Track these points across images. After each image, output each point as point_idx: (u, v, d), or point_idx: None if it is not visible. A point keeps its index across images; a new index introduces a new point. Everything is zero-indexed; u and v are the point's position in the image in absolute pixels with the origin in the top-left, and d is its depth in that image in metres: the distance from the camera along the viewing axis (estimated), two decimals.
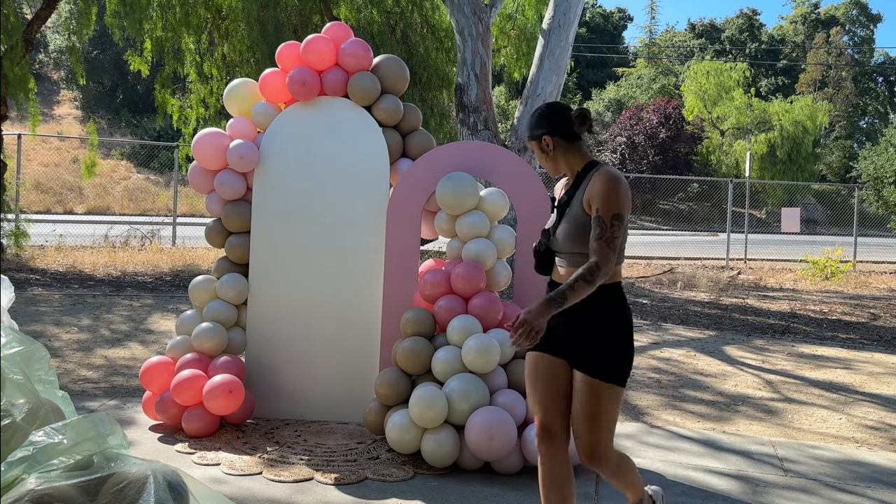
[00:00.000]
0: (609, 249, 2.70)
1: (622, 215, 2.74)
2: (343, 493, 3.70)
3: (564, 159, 2.95)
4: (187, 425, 4.40)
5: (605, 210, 2.73)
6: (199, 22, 13.18)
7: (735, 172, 35.90)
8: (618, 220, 2.73)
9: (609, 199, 2.74)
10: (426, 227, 4.80)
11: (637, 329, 8.39)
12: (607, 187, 2.75)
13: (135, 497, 2.02)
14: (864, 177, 21.56)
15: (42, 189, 23.74)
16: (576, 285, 2.68)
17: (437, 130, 13.69)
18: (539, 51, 10.36)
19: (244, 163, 4.77)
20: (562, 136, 2.92)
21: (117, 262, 11.55)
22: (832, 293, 12.72)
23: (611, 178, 2.77)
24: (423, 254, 11.09)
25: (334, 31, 4.92)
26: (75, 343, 6.59)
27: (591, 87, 46.48)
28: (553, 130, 2.92)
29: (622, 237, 2.77)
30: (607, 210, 2.73)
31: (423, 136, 4.95)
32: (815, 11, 57.20)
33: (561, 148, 2.93)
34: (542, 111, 2.98)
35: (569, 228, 2.85)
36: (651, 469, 4.24)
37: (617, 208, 2.74)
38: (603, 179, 2.78)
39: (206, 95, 13.71)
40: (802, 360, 7.18)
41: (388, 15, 14.04)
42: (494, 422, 3.86)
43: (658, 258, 17.88)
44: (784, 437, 4.99)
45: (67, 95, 36.37)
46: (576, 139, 2.93)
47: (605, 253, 2.70)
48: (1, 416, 2.45)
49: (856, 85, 51.94)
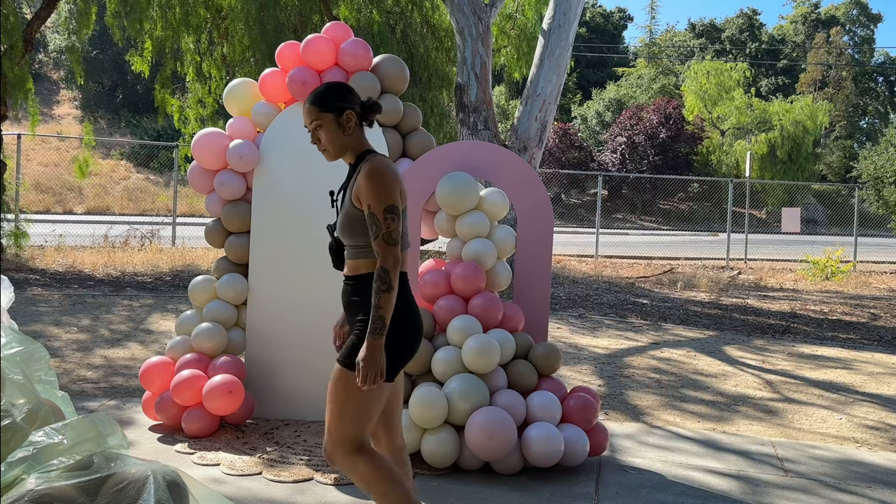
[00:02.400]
0: (389, 245, 2.64)
1: (394, 206, 2.67)
2: (343, 493, 3.70)
3: (353, 144, 2.83)
4: (187, 425, 4.40)
5: (376, 205, 2.66)
6: (198, 22, 13.18)
7: (735, 172, 35.90)
8: (390, 212, 2.66)
9: (376, 193, 2.66)
10: (426, 227, 4.80)
11: (637, 329, 8.39)
12: (371, 182, 2.67)
13: (134, 497, 2.02)
14: (864, 177, 21.56)
15: (42, 189, 23.74)
16: (379, 301, 2.63)
17: (437, 130, 13.69)
18: (539, 51, 10.36)
19: (244, 163, 4.77)
20: (358, 116, 2.82)
21: (117, 262, 11.55)
22: (832, 293, 12.72)
23: (373, 172, 2.69)
24: (423, 254, 11.08)
25: (334, 31, 4.92)
26: (75, 343, 6.59)
27: (591, 87, 46.47)
28: (355, 108, 2.81)
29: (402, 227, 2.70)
30: (378, 205, 2.66)
31: (423, 136, 4.95)
32: (816, 11, 57.18)
33: (354, 130, 2.82)
34: (342, 85, 2.87)
35: (343, 221, 2.79)
36: (651, 469, 4.23)
37: (387, 200, 2.66)
38: (366, 174, 2.70)
39: (203, 95, 13.70)
40: (802, 360, 7.18)
41: (388, 15, 14.03)
42: (494, 422, 3.86)
43: (658, 258, 17.88)
44: (784, 437, 4.99)
45: (67, 95, 36.37)
46: (362, 127, 2.84)
47: (385, 251, 2.65)
48: (1, 417, 2.45)
49: (856, 85, 51.92)
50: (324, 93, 2.82)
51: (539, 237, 4.55)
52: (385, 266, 2.64)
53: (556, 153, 34.54)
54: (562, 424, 4.09)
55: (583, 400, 4.18)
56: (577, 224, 30.08)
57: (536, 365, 4.25)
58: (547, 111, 10.24)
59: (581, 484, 3.95)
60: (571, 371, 6.39)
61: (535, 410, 4.04)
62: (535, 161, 10.17)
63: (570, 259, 16.33)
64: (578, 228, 27.43)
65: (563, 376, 5.81)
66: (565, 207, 33.25)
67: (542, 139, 10.31)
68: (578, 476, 4.04)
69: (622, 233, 27.18)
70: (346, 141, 2.81)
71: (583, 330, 8.20)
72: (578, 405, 4.15)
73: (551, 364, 4.26)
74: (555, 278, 12.58)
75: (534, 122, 10.16)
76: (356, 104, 2.82)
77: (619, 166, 35.15)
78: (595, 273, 14.14)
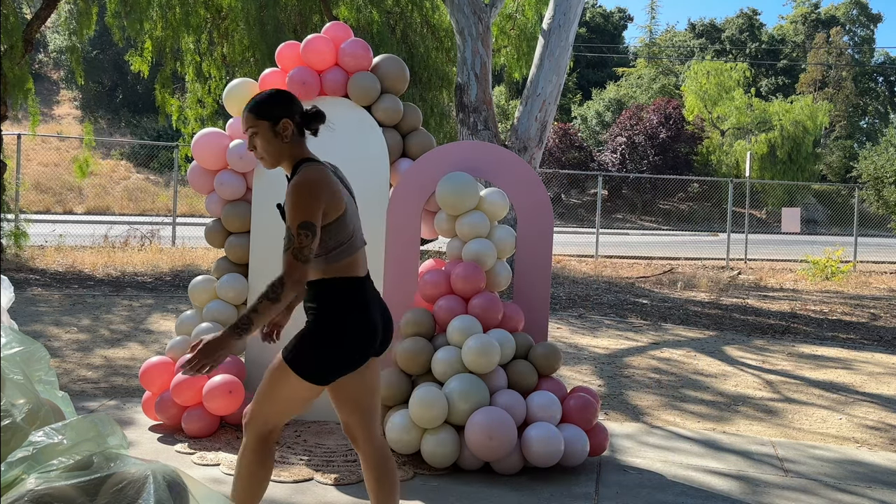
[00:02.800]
0: (296, 260, 2.57)
1: (309, 223, 2.59)
2: (343, 494, 3.70)
3: (290, 153, 2.77)
4: (187, 425, 4.40)
5: (292, 219, 2.60)
6: (198, 22, 13.18)
7: (735, 172, 35.90)
8: (304, 227, 2.58)
9: (294, 207, 2.60)
10: (426, 227, 4.80)
11: (637, 329, 8.39)
12: (291, 197, 2.62)
13: (134, 497, 2.02)
14: (864, 177, 21.56)
15: (42, 189, 23.74)
16: (260, 307, 2.56)
17: (437, 130, 13.69)
18: (539, 51, 10.36)
19: (244, 163, 4.77)
20: (297, 125, 2.77)
21: (117, 262, 11.55)
22: (832, 293, 12.72)
23: (295, 186, 2.63)
24: (423, 254, 11.08)
25: (334, 31, 4.92)
26: (75, 343, 6.59)
27: (591, 87, 46.47)
28: (293, 117, 2.76)
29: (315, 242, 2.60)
30: (293, 219, 2.60)
31: (423, 136, 4.94)
32: (816, 11, 57.19)
33: (292, 139, 2.76)
34: (283, 92, 2.82)
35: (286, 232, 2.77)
36: (651, 469, 4.23)
37: (303, 216, 2.59)
38: (290, 187, 2.64)
39: (203, 95, 13.70)
40: (802, 361, 7.18)
41: (388, 15, 14.03)
42: (494, 422, 3.86)
43: (658, 258, 17.88)
44: (784, 437, 4.99)
45: (67, 95, 36.38)
46: (303, 136, 2.80)
47: (290, 265, 2.57)
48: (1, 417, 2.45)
49: (856, 85, 51.92)
50: (262, 100, 2.77)
51: (539, 237, 4.55)
52: (284, 278, 2.57)
53: (556, 153, 34.54)
54: (562, 424, 4.09)
55: (583, 400, 4.18)
56: (577, 224, 30.08)
57: (536, 365, 4.25)
58: (547, 111, 10.24)
59: (581, 484, 3.95)
60: (571, 371, 6.39)
61: (535, 410, 4.04)
62: (535, 161, 10.17)
63: (570, 259, 16.33)
64: (578, 228, 27.43)
65: (563, 376, 5.82)
66: (565, 207, 33.25)
67: (542, 139, 10.31)
68: (578, 476, 4.04)
69: (622, 233, 27.18)
70: (281, 149, 2.75)
71: (583, 330, 8.20)
72: (578, 405, 4.15)
73: (551, 364, 4.26)
74: (555, 278, 12.58)
75: (534, 122, 10.16)
76: (295, 113, 2.77)
77: (619, 166, 35.15)
78: (595, 273, 14.14)
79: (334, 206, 2.69)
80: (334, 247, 2.73)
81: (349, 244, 2.76)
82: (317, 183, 2.64)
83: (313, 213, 2.61)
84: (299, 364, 2.71)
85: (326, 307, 2.74)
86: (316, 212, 2.62)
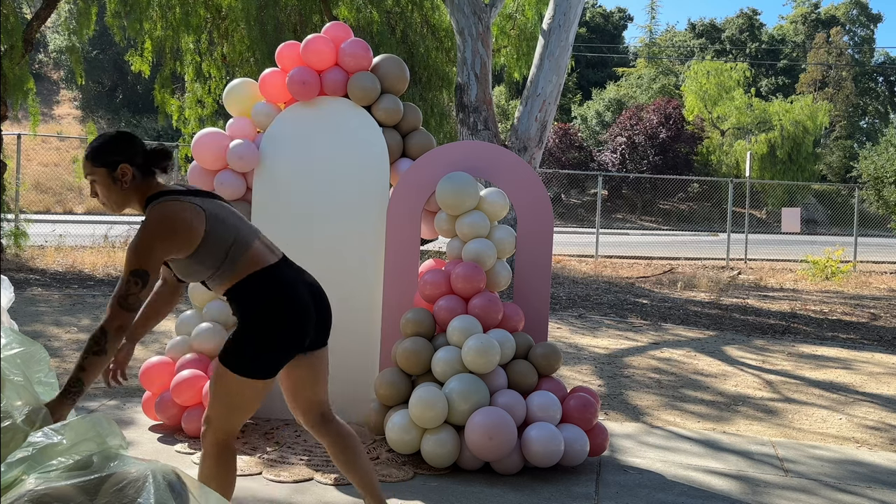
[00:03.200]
0: (121, 308, 2.51)
1: (142, 271, 2.52)
2: (343, 494, 3.70)
3: (136, 196, 2.69)
4: (187, 425, 4.40)
5: (127, 263, 2.55)
6: (198, 22, 13.18)
7: (735, 172, 35.91)
8: (135, 275, 2.52)
9: (132, 251, 2.55)
10: (426, 227, 4.80)
11: (637, 329, 8.39)
12: (135, 239, 2.56)
13: (134, 497, 2.01)
14: (864, 177, 21.56)
15: (42, 189, 23.75)
16: (86, 363, 2.47)
17: (437, 130, 13.69)
18: (539, 51, 10.36)
19: (244, 163, 4.77)
20: (139, 168, 2.67)
21: (117, 262, 11.55)
22: (832, 293, 12.72)
23: (139, 232, 2.57)
24: (423, 254, 11.08)
25: (334, 31, 4.92)
26: (75, 343, 6.59)
27: (591, 87, 46.48)
28: (133, 159, 2.66)
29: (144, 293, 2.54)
30: (128, 264, 2.54)
31: (423, 136, 4.94)
32: (816, 11, 57.20)
33: (135, 182, 2.67)
34: (121, 136, 2.72)
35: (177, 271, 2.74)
36: (651, 469, 4.23)
37: (137, 263, 2.53)
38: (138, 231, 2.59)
39: (203, 95, 13.71)
40: (802, 360, 7.18)
41: (388, 15, 14.04)
42: (494, 422, 3.86)
43: (658, 258, 17.89)
44: (784, 437, 4.99)
45: (67, 95, 36.39)
46: (151, 175, 2.71)
47: (113, 313, 2.51)
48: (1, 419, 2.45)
49: (856, 85, 51.93)
50: (98, 146, 2.67)
51: (539, 237, 4.55)
52: (106, 328, 2.50)
53: (556, 153, 34.55)
54: (562, 424, 4.09)
55: (583, 400, 4.18)
56: (577, 224, 30.09)
57: (536, 365, 4.25)
58: (547, 111, 10.24)
59: (581, 484, 3.95)
60: (571, 371, 6.39)
61: (535, 410, 4.04)
62: (535, 161, 10.17)
63: (570, 259, 16.33)
64: (578, 228, 27.43)
65: (563, 376, 5.82)
66: (565, 207, 33.26)
67: (542, 139, 10.31)
68: (578, 476, 4.04)
69: (622, 233, 27.18)
70: (124, 195, 2.68)
71: (583, 330, 8.20)
72: (578, 405, 4.15)
73: (551, 364, 4.26)
74: (555, 278, 12.58)
75: (534, 122, 10.16)
76: (135, 155, 2.68)
77: (619, 166, 35.16)
78: (595, 273, 14.15)
79: (192, 237, 2.61)
80: (222, 259, 2.68)
81: (236, 245, 2.70)
82: (157, 230, 2.57)
83: (148, 259, 2.55)
84: (237, 363, 2.68)
85: (246, 304, 2.71)
86: (151, 257, 2.55)
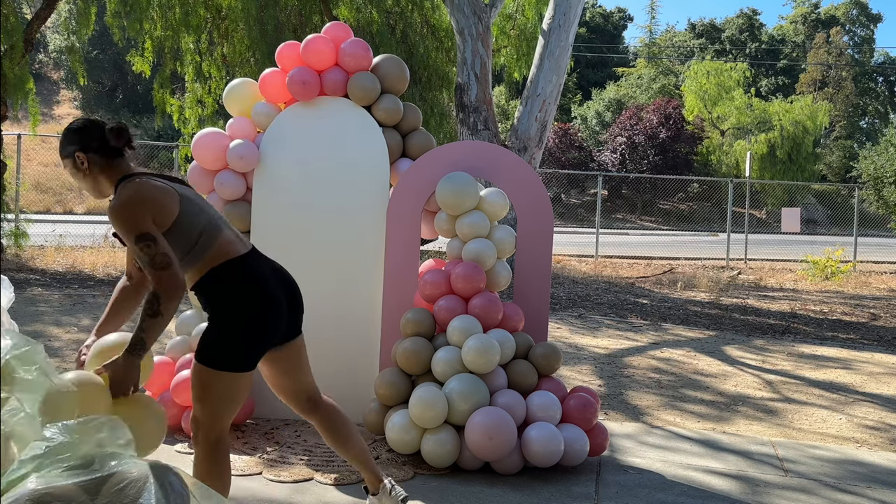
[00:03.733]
0: (156, 270, 2.55)
1: (144, 233, 2.57)
2: (343, 494, 3.70)
3: (106, 179, 2.75)
4: (187, 425, 4.40)
5: (128, 239, 2.60)
6: (198, 22, 13.19)
7: (735, 172, 35.92)
8: (142, 240, 2.57)
9: (122, 228, 2.60)
10: (426, 227, 4.80)
11: (637, 329, 8.39)
12: (115, 221, 2.61)
13: (135, 496, 2.02)
14: (864, 177, 21.56)
15: (42, 189, 23.76)
16: (145, 325, 2.56)
17: (437, 130, 13.70)
18: (539, 51, 10.37)
19: (244, 163, 4.77)
20: (97, 151, 2.73)
21: (117, 262, 11.55)
22: (832, 293, 12.73)
23: (113, 211, 2.62)
24: (423, 254, 11.08)
25: (334, 31, 4.92)
26: (75, 343, 6.59)
27: (591, 87, 46.49)
28: (86, 146, 2.72)
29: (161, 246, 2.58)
30: (128, 239, 2.60)
31: (423, 136, 4.94)
32: (815, 11, 57.21)
33: (98, 166, 2.73)
34: (74, 126, 2.77)
35: None
36: (651, 469, 4.24)
37: (134, 231, 2.58)
38: (109, 214, 2.63)
39: (203, 95, 13.71)
40: (802, 360, 7.18)
41: (388, 15, 14.04)
42: (494, 422, 3.86)
43: (658, 258, 17.89)
44: (784, 437, 4.99)
45: (67, 95, 36.40)
46: (116, 155, 2.75)
47: (155, 278, 2.56)
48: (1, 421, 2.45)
49: (856, 85, 51.94)
50: (61, 139, 2.76)
51: (539, 237, 4.55)
52: (156, 291, 2.55)
53: (556, 153, 34.55)
54: (562, 424, 4.09)
55: (583, 400, 4.18)
56: (577, 224, 30.09)
57: (536, 365, 4.25)
58: (547, 111, 10.24)
59: (581, 484, 3.95)
60: (571, 371, 6.39)
61: (535, 410, 4.04)
62: (535, 161, 10.18)
63: (570, 259, 16.33)
64: (578, 228, 27.44)
65: (563, 376, 5.82)
66: (565, 207, 33.26)
67: (542, 139, 10.31)
68: (578, 476, 4.04)
69: (622, 233, 27.19)
70: (92, 181, 2.76)
71: (583, 330, 8.20)
72: (578, 405, 4.15)
73: (551, 364, 4.26)
74: (555, 278, 12.59)
75: (534, 122, 10.16)
76: (90, 140, 2.72)
77: (619, 166, 35.16)
78: (595, 273, 14.15)
79: (167, 211, 2.65)
80: (192, 244, 2.70)
81: (206, 234, 2.72)
82: (131, 199, 2.61)
83: (142, 223, 2.58)
84: (213, 359, 2.68)
85: (216, 297, 2.72)
86: (143, 221, 2.59)
